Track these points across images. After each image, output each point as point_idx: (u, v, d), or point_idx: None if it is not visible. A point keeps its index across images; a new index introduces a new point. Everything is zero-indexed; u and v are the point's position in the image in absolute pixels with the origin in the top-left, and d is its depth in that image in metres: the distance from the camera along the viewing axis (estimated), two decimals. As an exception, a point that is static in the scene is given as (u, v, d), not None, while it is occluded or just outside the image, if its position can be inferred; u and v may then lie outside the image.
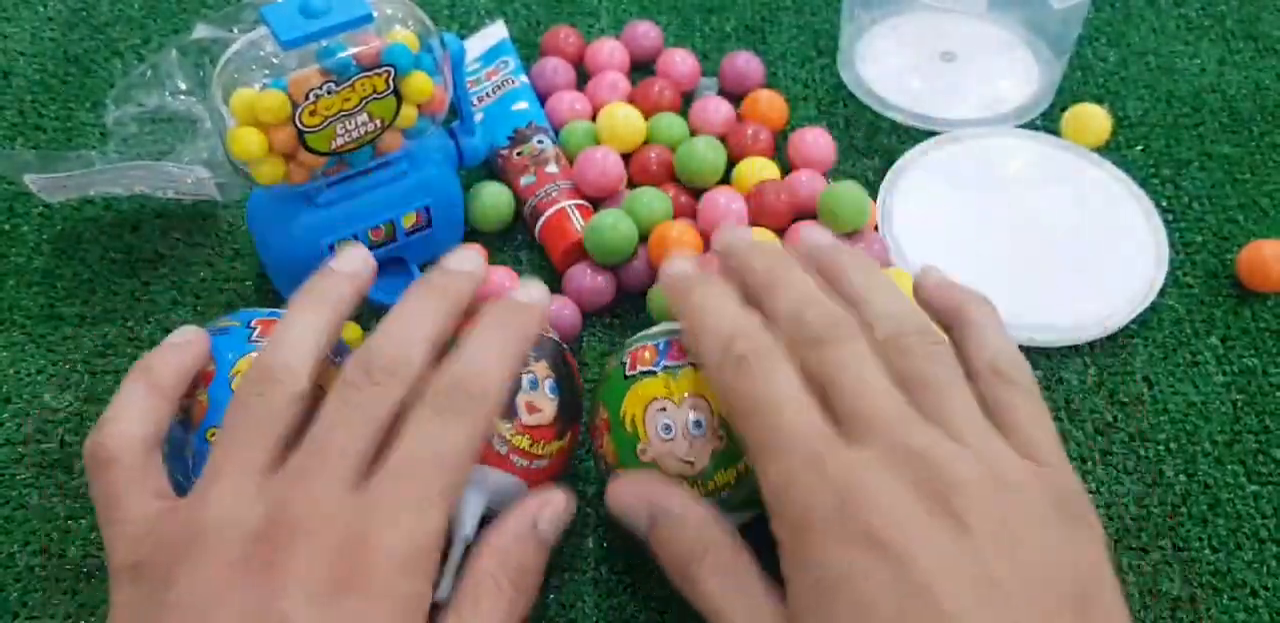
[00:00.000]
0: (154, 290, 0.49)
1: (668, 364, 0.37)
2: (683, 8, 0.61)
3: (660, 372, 0.37)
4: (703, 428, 0.35)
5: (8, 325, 0.48)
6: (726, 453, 0.35)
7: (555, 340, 0.39)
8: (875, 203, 0.51)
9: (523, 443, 0.36)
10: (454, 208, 0.48)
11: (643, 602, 0.40)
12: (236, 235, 0.51)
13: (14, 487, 0.43)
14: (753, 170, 0.50)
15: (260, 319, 0.39)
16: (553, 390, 0.37)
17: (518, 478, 0.36)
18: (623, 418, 0.36)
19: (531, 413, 0.36)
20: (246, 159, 0.40)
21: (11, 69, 0.58)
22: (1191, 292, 0.49)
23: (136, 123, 0.51)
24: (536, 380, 0.37)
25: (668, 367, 0.37)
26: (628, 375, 0.37)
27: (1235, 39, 0.60)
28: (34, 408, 0.45)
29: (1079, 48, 0.59)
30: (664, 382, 0.36)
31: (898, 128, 0.55)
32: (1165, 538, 0.42)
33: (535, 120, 0.52)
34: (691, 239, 0.46)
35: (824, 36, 0.60)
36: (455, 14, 0.61)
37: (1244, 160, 0.54)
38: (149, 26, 0.60)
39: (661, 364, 0.37)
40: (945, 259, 0.49)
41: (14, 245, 0.50)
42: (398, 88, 0.41)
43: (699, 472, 0.35)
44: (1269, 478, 0.43)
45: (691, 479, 0.35)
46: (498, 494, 0.36)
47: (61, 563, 0.41)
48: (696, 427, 0.35)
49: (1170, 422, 0.45)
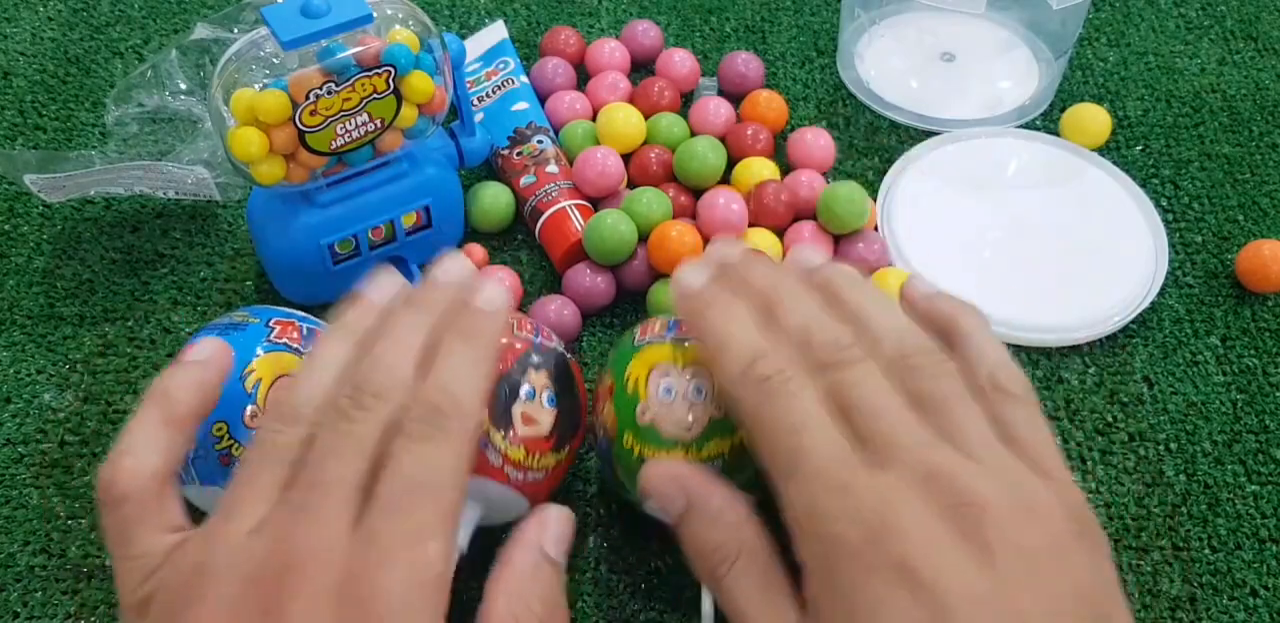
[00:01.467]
0: (154, 290, 0.49)
1: (677, 336, 0.37)
2: (683, 8, 0.61)
3: (669, 340, 0.37)
4: (703, 395, 0.36)
5: (8, 325, 0.48)
6: (723, 423, 0.35)
7: (560, 352, 0.39)
8: (875, 203, 0.51)
9: (517, 455, 0.36)
10: (454, 208, 0.48)
11: (643, 602, 0.40)
12: (236, 235, 0.51)
13: (14, 487, 0.43)
14: (752, 170, 0.50)
15: (279, 320, 0.39)
16: (550, 402, 0.37)
17: (512, 490, 0.36)
18: (626, 380, 0.37)
19: (527, 424, 0.36)
20: (246, 159, 0.40)
21: (11, 69, 0.58)
22: (1191, 292, 0.49)
23: (136, 123, 0.51)
24: (534, 391, 0.36)
25: (676, 338, 0.37)
26: (636, 344, 0.38)
27: (1235, 39, 0.60)
28: (34, 408, 0.45)
29: (1079, 48, 0.59)
30: (671, 349, 0.37)
31: (898, 128, 0.55)
32: (1165, 538, 0.42)
33: (535, 120, 0.52)
34: (691, 239, 0.46)
35: (824, 36, 0.60)
36: (455, 14, 0.61)
37: (1244, 160, 0.54)
38: (149, 26, 0.60)
39: (670, 335, 0.37)
40: (945, 259, 0.49)
41: (14, 245, 0.50)
42: (398, 88, 0.41)
43: (694, 438, 0.35)
44: (1269, 478, 0.43)
45: (686, 445, 0.35)
46: (492, 506, 0.36)
47: (61, 563, 0.41)
48: (697, 393, 0.36)
49: (1170, 422, 0.45)
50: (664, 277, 0.47)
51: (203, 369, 0.34)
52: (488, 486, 0.35)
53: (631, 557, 0.41)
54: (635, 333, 0.39)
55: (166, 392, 0.33)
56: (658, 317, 0.39)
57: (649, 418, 0.36)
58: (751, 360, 0.32)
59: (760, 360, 0.32)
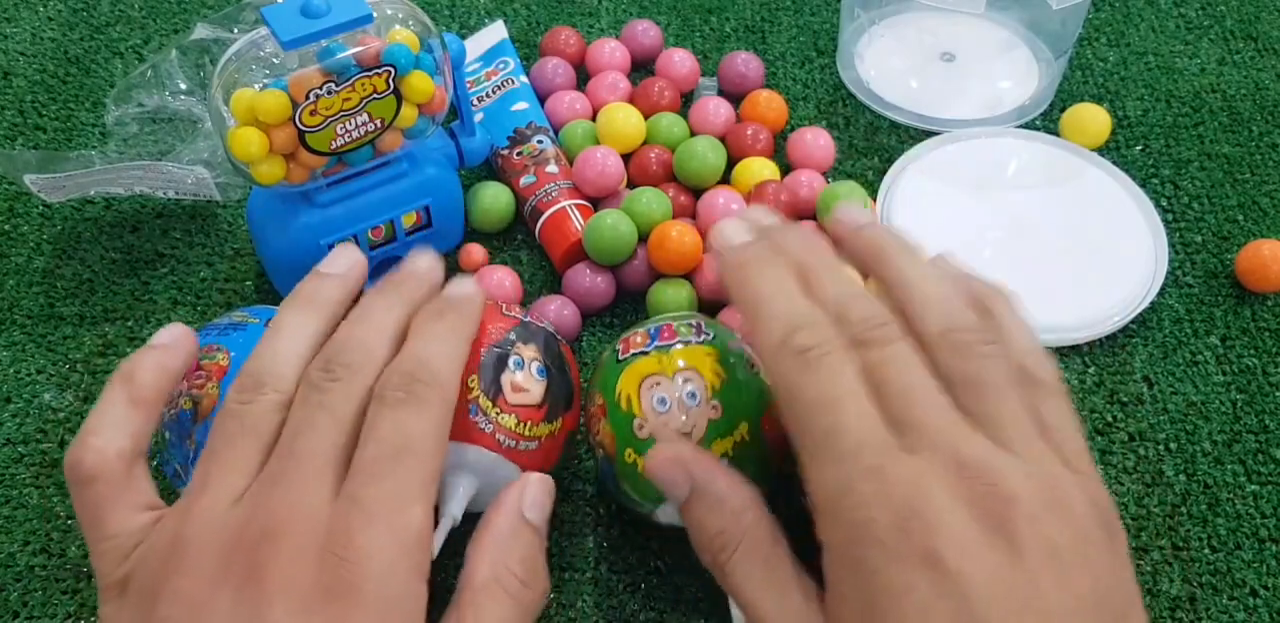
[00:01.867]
0: (154, 290, 0.49)
1: (659, 344, 0.37)
2: (683, 8, 0.61)
3: (653, 351, 0.37)
4: (697, 398, 0.35)
5: (8, 325, 0.48)
6: (723, 422, 0.35)
7: (549, 331, 0.39)
8: (875, 203, 0.51)
9: (509, 422, 0.36)
10: (454, 208, 0.48)
11: (643, 602, 0.40)
12: (237, 235, 0.51)
13: (14, 487, 0.43)
14: (752, 170, 0.50)
15: None
16: (540, 373, 0.37)
17: (505, 458, 0.36)
18: (618, 398, 0.37)
19: (517, 392, 0.36)
20: (246, 159, 0.40)
21: (11, 69, 0.58)
22: (1191, 292, 0.49)
23: (136, 123, 0.51)
24: (523, 361, 0.37)
25: (659, 346, 0.37)
26: (620, 359, 0.38)
27: (1235, 39, 0.60)
28: (34, 408, 0.45)
29: (1079, 48, 0.59)
30: (656, 359, 0.37)
31: (897, 128, 0.55)
32: (1165, 538, 0.42)
33: (535, 120, 0.52)
34: (691, 239, 0.46)
35: (824, 36, 0.60)
36: (455, 14, 0.61)
37: (1244, 160, 0.54)
38: (149, 26, 0.60)
39: (653, 345, 0.37)
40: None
41: (14, 245, 0.50)
42: (398, 88, 0.41)
43: (696, 442, 0.35)
44: (1269, 478, 0.43)
45: None
46: (485, 476, 0.36)
47: (61, 563, 0.41)
48: (691, 397, 0.35)
49: (1170, 422, 0.45)
50: (664, 277, 0.47)
51: (165, 353, 0.34)
52: (480, 454, 0.35)
53: (631, 557, 0.41)
54: (618, 349, 0.38)
55: (131, 374, 0.33)
56: (636, 330, 0.39)
57: (647, 432, 0.36)
58: (791, 330, 0.31)
59: (800, 331, 0.31)
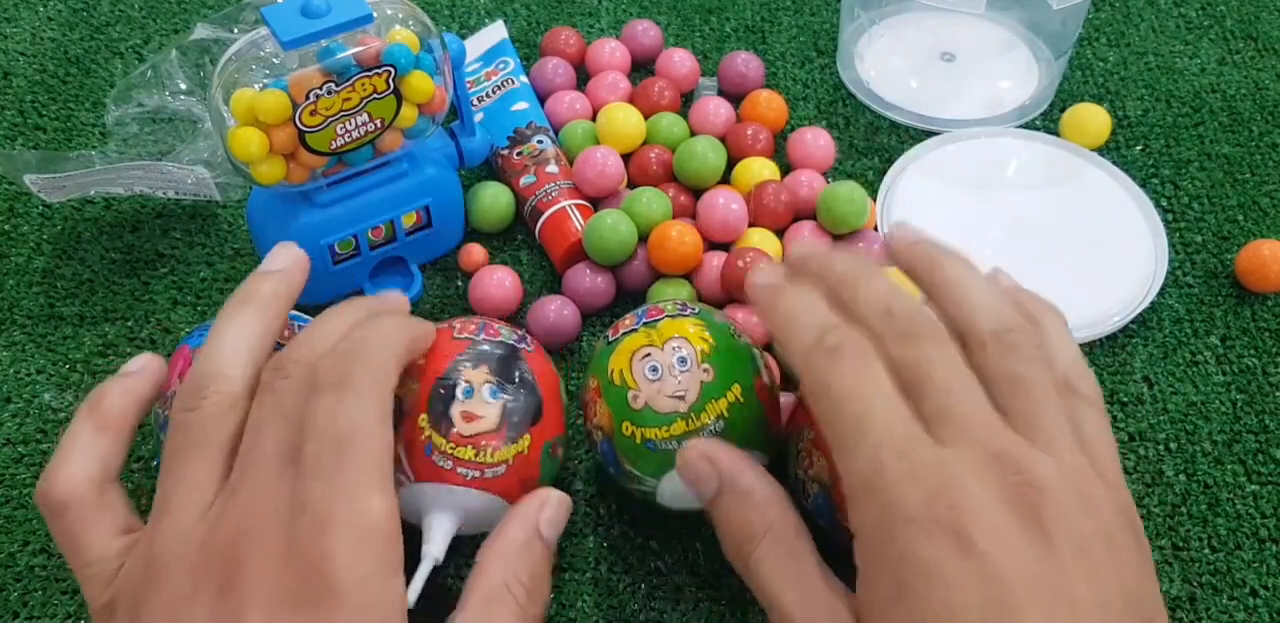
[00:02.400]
0: (154, 290, 0.49)
1: (646, 321, 0.38)
2: (683, 8, 0.61)
3: (640, 328, 0.38)
4: (688, 363, 0.36)
5: (8, 325, 0.48)
6: (716, 384, 0.36)
7: (509, 344, 0.38)
8: (875, 203, 0.51)
9: (467, 454, 0.35)
10: (454, 208, 0.48)
11: (643, 602, 0.40)
12: (236, 235, 0.51)
13: (14, 487, 0.43)
14: (752, 170, 0.50)
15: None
16: (494, 394, 0.36)
17: (475, 490, 0.35)
18: (611, 375, 0.37)
19: (469, 421, 0.35)
20: (246, 159, 0.40)
21: (11, 69, 0.58)
22: (1191, 292, 0.49)
23: (136, 123, 0.51)
24: (472, 389, 0.36)
25: (647, 323, 0.38)
26: (610, 341, 0.39)
27: (1235, 39, 0.60)
28: (34, 408, 0.45)
29: (1079, 48, 0.59)
30: (645, 334, 0.38)
31: (897, 128, 0.55)
32: (1165, 538, 0.42)
33: (535, 120, 0.52)
34: (691, 239, 0.46)
35: (824, 36, 0.60)
36: (455, 14, 0.61)
37: (1244, 160, 0.54)
38: (149, 26, 0.60)
39: (640, 323, 0.38)
40: (945, 259, 0.49)
41: (14, 245, 0.50)
42: (398, 88, 0.41)
43: (691, 406, 0.36)
44: (1269, 478, 0.43)
45: (684, 415, 0.36)
46: (463, 510, 0.35)
47: (61, 563, 0.41)
48: (681, 363, 0.36)
49: (1170, 422, 0.45)
50: (664, 277, 0.47)
51: (132, 379, 0.35)
52: (449, 491, 0.35)
53: (631, 557, 0.41)
54: (607, 334, 0.39)
55: (98, 402, 0.34)
56: (627, 315, 0.40)
57: (642, 401, 0.36)
58: (822, 332, 0.32)
59: (830, 332, 0.31)
